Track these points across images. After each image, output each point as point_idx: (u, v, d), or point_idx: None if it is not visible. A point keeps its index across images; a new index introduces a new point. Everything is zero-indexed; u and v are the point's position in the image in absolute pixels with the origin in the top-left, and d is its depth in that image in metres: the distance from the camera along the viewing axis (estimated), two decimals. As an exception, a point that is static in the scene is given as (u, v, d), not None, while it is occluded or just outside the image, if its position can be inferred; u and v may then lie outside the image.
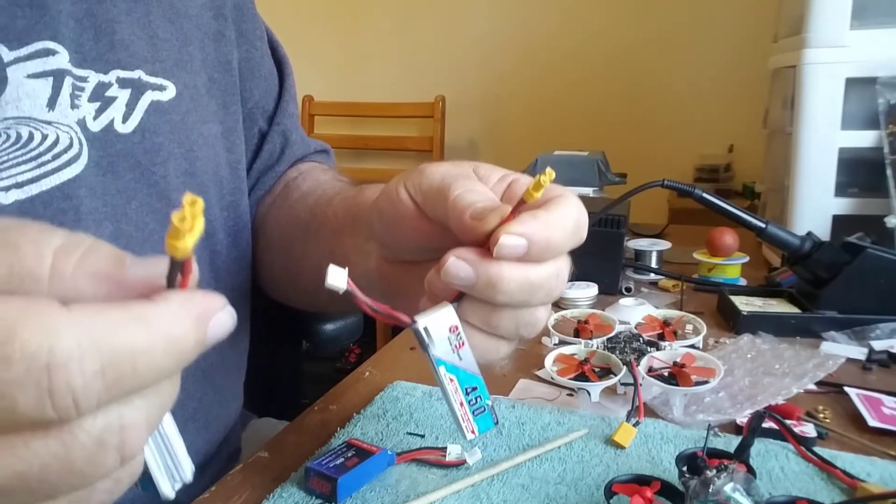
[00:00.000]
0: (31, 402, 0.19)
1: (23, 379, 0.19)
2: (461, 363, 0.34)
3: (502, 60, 2.45)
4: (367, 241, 0.44)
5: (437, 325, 0.33)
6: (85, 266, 0.21)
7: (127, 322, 0.20)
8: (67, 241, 0.21)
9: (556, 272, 0.34)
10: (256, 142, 0.60)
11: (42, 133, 0.40)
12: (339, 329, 0.74)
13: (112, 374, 0.20)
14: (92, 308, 0.20)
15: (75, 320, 0.19)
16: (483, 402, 0.35)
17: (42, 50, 0.40)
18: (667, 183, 0.72)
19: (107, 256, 0.22)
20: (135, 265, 0.22)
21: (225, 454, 0.58)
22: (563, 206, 0.34)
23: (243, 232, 0.56)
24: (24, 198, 0.39)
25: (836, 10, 0.82)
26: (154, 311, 0.21)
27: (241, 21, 0.57)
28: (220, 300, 0.23)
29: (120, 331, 0.20)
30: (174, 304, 0.21)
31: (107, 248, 0.22)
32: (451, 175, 0.36)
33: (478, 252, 0.33)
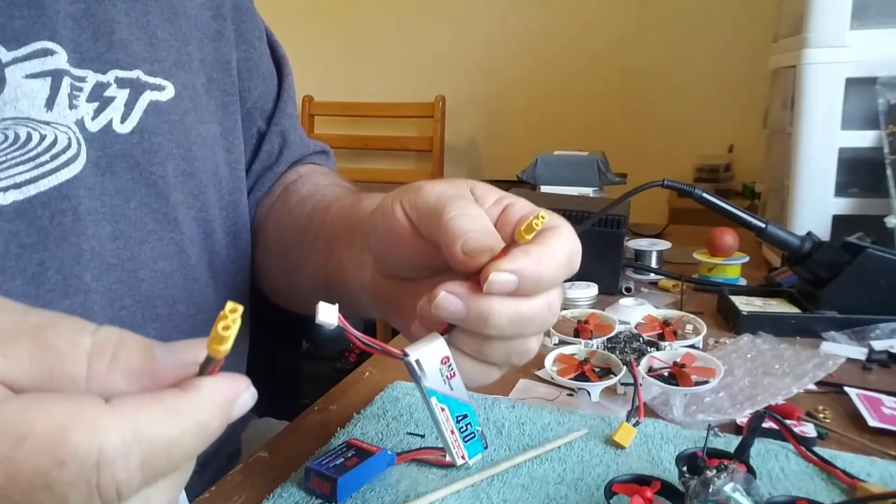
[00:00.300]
0: (81, 498, 0.21)
1: (76, 478, 0.20)
2: (452, 393, 0.34)
3: (502, 60, 2.45)
4: (363, 252, 0.44)
5: (429, 358, 0.34)
6: (118, 364, 0.22)
7: (163, 415, 0.22)
8: (99, 340, 0.23)
9: (547, 305, 0.34)
10: (255, 142, 0.60)
11: (40, 133, 0.40)
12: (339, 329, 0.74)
13: (151, 464, 0.21)
14: (132, 404, 0.22)
15: (119, 418, 0.21)
16: (473, 429, 0.35)
17: (40, 50, 0.40)
18: (667, 183, 0.72)
19: (137, 350, 0.23)
20: (164, 356, 0.23)
21: (224, 454, 0.58)
22: (555, 240, 0.34)
23: (242, 232, 0.56)
24: (23, 198, 0.39)
25: (836, 10, 0.82)
26: (185, 402, 0.22)
27: (240, 21, 0.56)
28: (243, 382, 0.24)
29: (158, 424, 0.22)
30: (204, 393, 0.23)
31: (135, 342, 0.23)
32: (447, 195, 0.36)
33: (468, 286, 0.33)
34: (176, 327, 0.48)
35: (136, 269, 0.45)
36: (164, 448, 0.21)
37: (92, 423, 0.20)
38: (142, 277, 0.45)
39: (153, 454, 0.21)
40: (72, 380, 0.22)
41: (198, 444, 0.23)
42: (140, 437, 0.21)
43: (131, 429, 0.21)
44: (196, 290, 0.50)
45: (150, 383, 0.23)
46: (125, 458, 0.21)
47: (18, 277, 0.39)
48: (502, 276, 0.32)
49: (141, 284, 0.45)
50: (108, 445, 0.20)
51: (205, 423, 0.22)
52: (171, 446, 0.22)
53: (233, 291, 0.55)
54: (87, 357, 0.22)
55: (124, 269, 0.44)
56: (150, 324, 0.46)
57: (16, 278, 0.39)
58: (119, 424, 0.21)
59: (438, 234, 0.34)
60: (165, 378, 0.23)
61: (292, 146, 0.62)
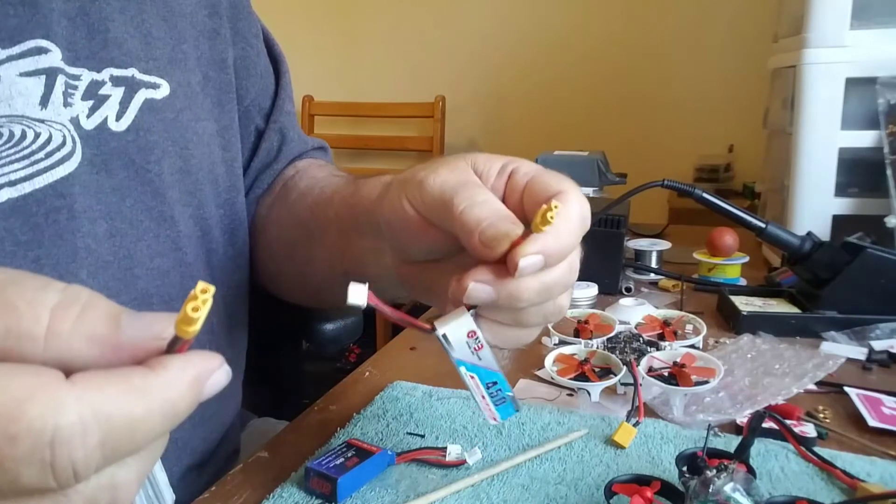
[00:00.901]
0: (34, 476, 0.20)
1: (28, 455, 0.20)
2: (481, 363, 0.36)
3: (502, 60, 2.45)
4: (377, 240, 0.44)
5: (456, 332, 0.35)
6: (81, 327, 0.21)
7: (127, 393, 0.21)
8: (64, 299, 0.22)
9: (569, 267, 0.36)
10: (253, 140, 0.60)
11: (35, 131, 0.40)
12: (339, 329, 0.74)
13: (111, 444, 0.21)
14: (94, 381, 0.21)
15: (78, 395, 0.20)
16: (504, 394, 0.37)
17: (34, 48, 0.40)
18: (667, 183, 0.72)
19: (103, 316, 0.22)
20: (129, 325, 0.22)
21: (224, 454, 0.58)
22: (567, 207, 0.34)
23: (240, 230, 0.56)
24: (17, 196, 0.39)
25: (836, 10, 0.82)
26: (153, 380, 0.22)
27: (237, 19, 0.56)
28: (216, 360, 0.23)
29: (120, 403, 0.21)
30: (173, 371, 0.22)
31: (103, 306, 0.22)
32: (450, 186, 0.36)
33: (494, 271, 0.34)
34: None
35: (132, 266, 0.45)
36: (126, 428, 0.21)
37: (49, 400, 0.20)
38: (138, 275, 0.45)
39: (114, 434, 0.21)
40: (30, 338, 0.21)
41: (165, 423, 0.22)
42: (100, 415, 0.20)
43: (91, 407, 0.20)
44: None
45: (112, 352, 0.22)
46: (82, 436, 0.20)
47: None
48: (529, 260, 0.33)
49: (137, 282, 0.45)
50: (65, 423, 0.20)
51: (173, 402, 0.22)
52: (134, 426, 0.21)
53: (231, 289, 0.55)
54: (48, 314, 0.21)
55: (120, 266, 0.44)
56: None
57: None
58: (78, 402, 0.20)
59: (452, 227, 0.35)
60: (128, 348, 0.22)
61: (291, 143, 0.62)
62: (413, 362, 0.62)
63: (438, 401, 0.53)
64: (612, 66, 2.33)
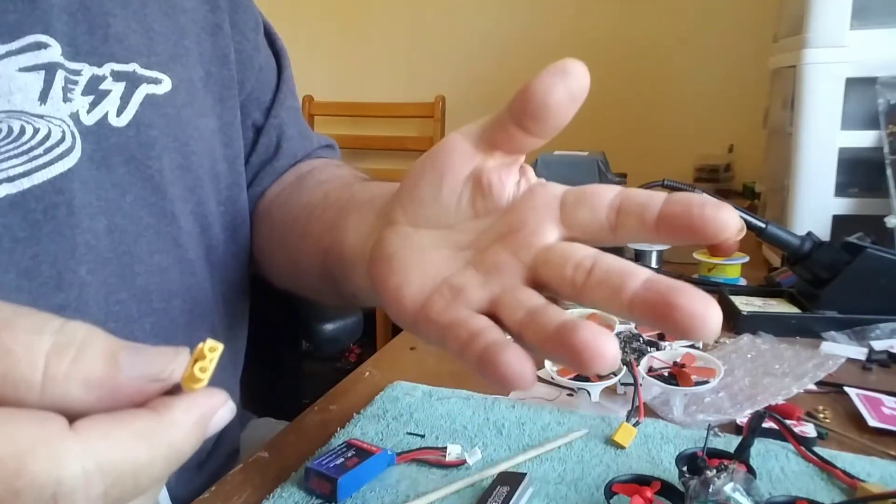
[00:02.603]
0: None
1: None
2: None
3: (503, 60, 2.45)
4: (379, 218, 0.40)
5: None
6: (77, 370, 0.21)
7: (131, 441, 0.21)
8: (59, 341, 0.21)
9: None
10: (251, 135, 0.60)
11: (34, 127, 0.40)
12: (339, 329, 0.74)
13: (115, 492, 0.21)
14: (98, 429, 0.21)
15: (82, 446, 0.20)
16: None
17: (33, 43, 0.40)
18: (667, 183, 0.73)
19: (99, 356, 0.22)
20: (127, 365, 0.22)
21: (223, 453, 0.58)
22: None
23: (241, 227, 0.55)
24: (16, 192, 0.39)
25: (836, 10, 0.82)
26: (157, 425, 0.21)
27: (234, 12, 0.56)
28: (220, 397, 0.23)
29: (124, 450, 0.21)
30: (176, 414, 0.22)
31: (99, 345, 0.22)
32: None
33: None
34: (172, 321, 0.48)
35: (131, 262, 0.45)
36: (130, 475, 0.21)
37: (52, 453, 0.20)
38: (137, 271, 0.45)
39: (118, 482, 0.21)
40: (26, 385, 0.21)
41: (170, 466, 0.22)
42: (103, 465, 0.20)
43: (94, 457, 0.20)
44: (193, 285, 0.49)
45: (109, 395, 0.21)
46: (86, 488, 0.20)
47: (12, 271, 0.39)
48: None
49: (137, 278, 0.45)
50: (67, 476, 0.20)
51: (177, 445, 0.22)
52: (138, 472, 0.21)
53: (231, 287, 0.55)
54: (44, 359, 0.21)
55: (120, 262, 0.44)
56: (145, 318, 0.46)
57: (9, 272, 0.39)
58: (81, 453, 0.20)
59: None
60: (126, 391, 0.22)
61: (291, 140, 0.61)
62: (413, 362, 0.62)
63: (438, 401, 0.53)
64: (612, 66, 2.33)
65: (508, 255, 0.32)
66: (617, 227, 0.30)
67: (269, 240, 0.57)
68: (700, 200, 0.28)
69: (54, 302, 0.40)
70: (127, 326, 0.45)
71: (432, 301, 0.32)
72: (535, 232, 0.31)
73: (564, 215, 0.31)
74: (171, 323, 0.48)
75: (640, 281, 0.27)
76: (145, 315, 0.46)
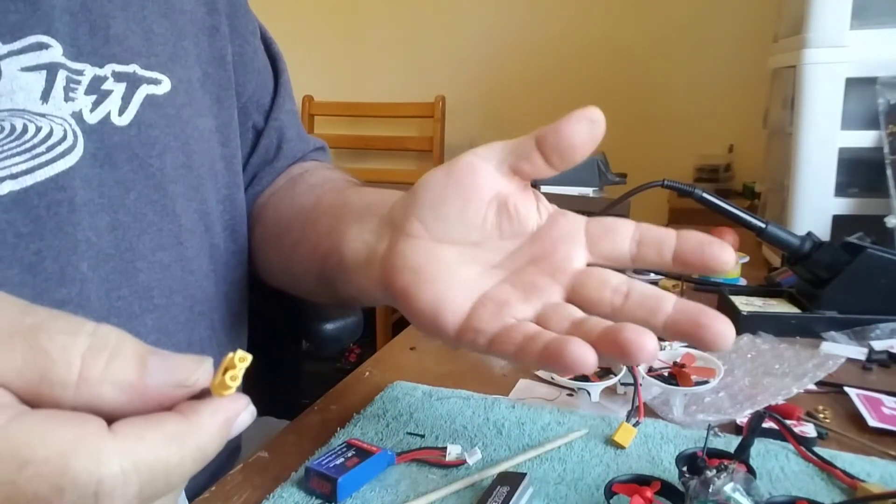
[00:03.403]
0: None
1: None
2: None
3: (502, 60, 2.45)
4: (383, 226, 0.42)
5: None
6: (110, 373, 0.22)
7: (164, 442, 0.22)
8: (93, 344, 0.22)
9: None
10: (251, 137, 0.61)
11: (36, 125, 0.40)
12: (339, 329, 0.74)
13: (148, 491, 0.22)
14: (134, 431, 0.22)
15: (120, 446, 0.21)
16: None
17: (35, 44, 0.41)
18: (667, 183, 0.72)
19: (131, 361, 0.23)
20: (156, 370, 0.23)
21: (225, 450, 0.58)
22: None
23: (240, 226, 0.56)
24: (19, 189, 0.39)
25: (836, 10, 0.82)
26: (186, 428, 0.23)
27: (234, 16, 0.57)
28: (243, 401, 0.24)
29: (158, 452, 0.22)
30: (204, 417, 0.23)
31: (130, 351, 0.23)
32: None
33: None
34: (173, 318, 0.48)
35: (133, 259, 0.45)
36: (162, 474, 0.22)
37: (94, 452, 0.21)
38: (139, 268, 0.46)
39: (151, 481, 0.22)
40: (62, 385, 0.22)
41: (196, 466, 0.23)
42: (140, 466, 0.21)
43: (132, 458, 0.21)
44: (193, 282, 0.50)
45: (139, 398, 0.23)
46: (124, 487, 0.21)
47: (15, 266, 0.39)
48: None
49: (138, 275, 0.46)
50: (108, 475, 0.21)
51: (204, 447, 0.23)
52: (169, 472, 0.22)
53: (233, 285, 0.55)
54: (80, 360, 0.22)
55: (122, 259, 0.45)
56: (147, 314, 0.46)
57: (13, 267, 0.39)
58: (120, 454, 0.21)
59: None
60: (154, 396, 0.23)
61: (291, 142, 0.62)
62: (413, 362, 0.62)
63: (438, 401, 0.53)
64: (613, 66, 2.33)
65: (545, 276, 0.37)
66: (637, 257, 0.37)
67: (262, 242, 0.58)
68: (709, 240, 0.35)
69: (56, 297, 0.41)
70: (128, 322, 0.45)
71: (477, 313, 0.36)
72: (568, 258, 0.37)
73: (591, 244, 0.37)
74: (172, 320, 0.48)
75: (671, 305, 0.33)
76: (147, 311, 0.46)
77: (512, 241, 0.38)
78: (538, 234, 0.38)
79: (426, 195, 0.39)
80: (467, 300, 0.37)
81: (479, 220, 0.38)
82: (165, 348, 0.50)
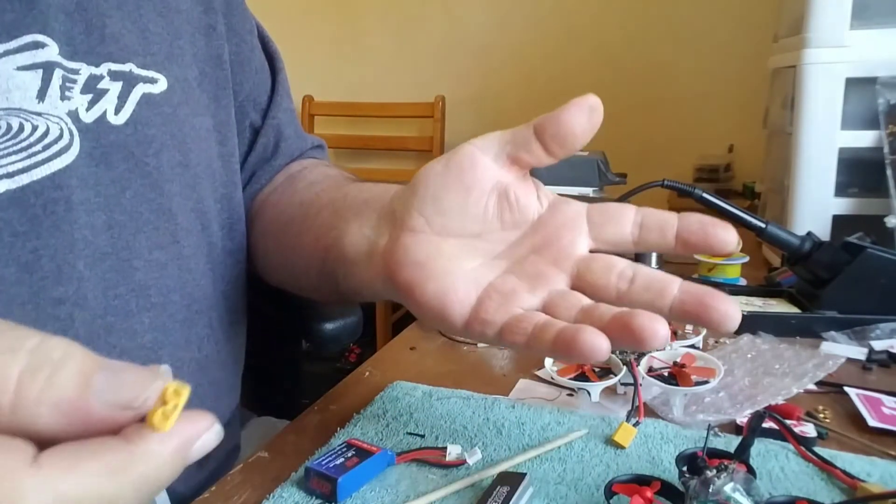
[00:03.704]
0: None
1: None
2: None
3: (502, 60, 2.45)
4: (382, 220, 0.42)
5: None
6: (48, 394, 0.21)
7: (97, 475, 0.20)
8: (33, 361, 0.21)
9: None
10: (249, 136, 0.61)
11: (32, 124, 0.40)
12: (339, 329, 0.74)
13: None
14: (63, 462, 0.20)
15: (41, 483, 0.20)
16: None
17: (31, 43, 0.41)
18: (667, 183, 0.72)
19: (73, 379, 0.21)
20: (102, 389, 0.21)
21: (223, 449, 0.58)
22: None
23: (238, 225, 0.56)
24: (15, 188, 0.40)
25: (836, 10, 0.82)
26: (128, 457, 0.21)
27: (230, 15, 0.57)
28: (203, 422, 0.22)
29: (89, 485, 0.20)
30: (152, 444, 0.21)
31: (74, 366, 0.21)
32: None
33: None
34: (170, 317, 0.48)
35: (130, 258, 0.45)
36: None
37: (10, 488, 0.19)
38: (136, 267, 0.46)
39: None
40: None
41: (143, 497, 0.21)
42: (63, 500, 0.20)
43: (53, 493, 0.20)
44: (191, 281, 0.50)
45: (80, 421, 0.21)
46: None
47: (12, 265, 0.39)
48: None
49: (135, 274, 0.46)
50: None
51: (152, 477, 0.21)
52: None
53: (230, 284, 0.55)
54: (16, 380, 0.20)
55: (118, 258, 0.45)
56: (144, 313, 0.46)
57: (9, 266, 0.39)
58: (40, 488, 0.20)
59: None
60: (98, 418, 0.21)
61: (289, 140, 0.63)
62: (413, 362, 0.62)
63: (438, 401, 0.53)
64: (612, 66, 2.33)
65: (548, 265, 0.37)
66: (639, 241, 0.36)
67: (262, 239, 0.58)
68: (711, 220, 0.36)
69: (54, 295, 0.41)
70: (126, 321, 0.45)
71: (484, 305, 0.36)
72: (571, 244, 0.37)
73: (593, 230, 0.37)
74: (170, 318, 0.48)
75: (676, 287, 0.34)
76: (144, 310, 0.46)
77: (513, 230, 0.38)
78: (539, 223, 0.38)
79: (426, 188, 0.39)
80: (473, 292, 0.37)
81: (480, 211, 0.38)
82: (163, 346, 0.50)
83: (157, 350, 0.47)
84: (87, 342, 0.42)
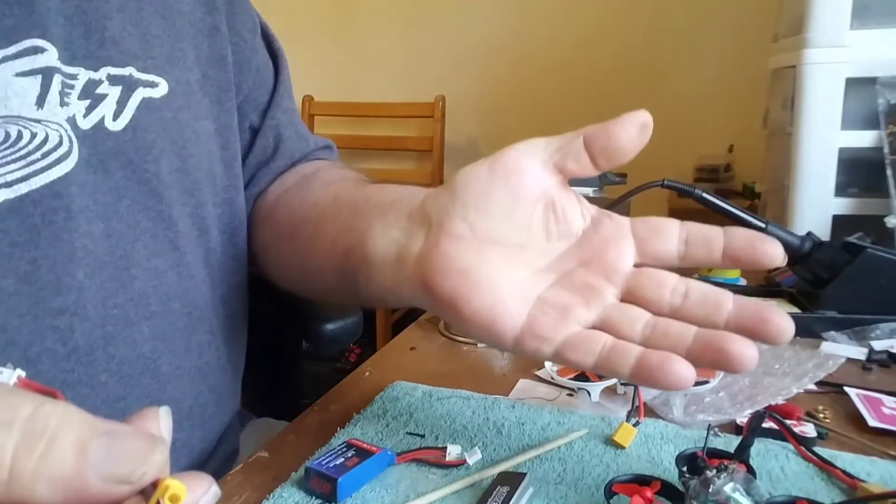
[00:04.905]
0: None
1: None
2: None
3: (503, 60, 2.45)
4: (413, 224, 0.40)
5: None
6: (44, 468, 0.20)
7: None
8: (28, 433, 0.20)
9: None
10: (248, 136, 0.59)
11: (31, 131, 0.40)
12: (339, 329, 0.74)
13: None
14: None
15: None
16: None
17: (30, 48, 0.40)
18: (667, 183, 0.72)
19: (69, 451, 0.20)
20: (99, 460, 0.21)
21: (223, 454, 0.58)
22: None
23: (239, 230, 0.55)
24: (14, 197, 0.39)
25: (836, 10, 0.82)
26: None
27: (232, 13, 0.56)
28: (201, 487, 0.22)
29: None
30: None
31: (71, 437, 0.21)
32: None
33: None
34: (171, 325, 0.48)
35: (129, 266, 0.45)
36: None
37: None
38: (135, 275, 0.45)
39: None
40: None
41: None
42: None
43: None
44: (191, 288, 0.49)
45: (76, 496, 0.20)
46: None
47: (10, 276, 0.39)
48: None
49: (134, 282, 0.45)
50: None
51: None
52: None
53: (230, 289, 0.55)
54: (11, 456, 0.20)
55: (117, 266, 0.44)
56: (143, 321, 0.46)
57: (8, 277, 0.39)
58: None
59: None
60: (95, 492, 0.20)
61: (288, 141, 0.61)
62: (413, 362, 0.62)
63: (438, 401, 0.53)
64: (612, 66, 2.33)
65: (599, 278, 0.36)
66: (686, 256, 0.36)
67: (273, 240, 0.57)
68: (759, 236, 0.35)
69: (53, 306, 0.40)
70: (125, 330, 0.45)
71: (539, 320, 0.35)
72: (618, 259, 0.36)
73: (640, 245, 0.37)
74: (170, 326, 0.48)
75: (731, 302, 0.34)
76: (143, 319, 0.46)
77: (559, 243, 0.37)
78: (585, 237, 0.37)
79: (469, 192, 0.37)
80: (523, 305, 0.36)
81: (527, 219, 0.37)
82: (164, 355, 0.49)
83: (157, 359, 0.47)
84: (86, 353, 0.43)
